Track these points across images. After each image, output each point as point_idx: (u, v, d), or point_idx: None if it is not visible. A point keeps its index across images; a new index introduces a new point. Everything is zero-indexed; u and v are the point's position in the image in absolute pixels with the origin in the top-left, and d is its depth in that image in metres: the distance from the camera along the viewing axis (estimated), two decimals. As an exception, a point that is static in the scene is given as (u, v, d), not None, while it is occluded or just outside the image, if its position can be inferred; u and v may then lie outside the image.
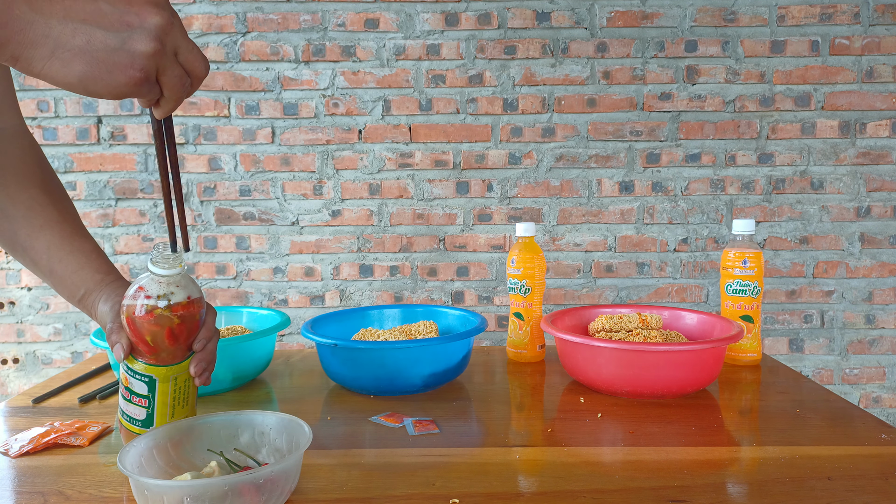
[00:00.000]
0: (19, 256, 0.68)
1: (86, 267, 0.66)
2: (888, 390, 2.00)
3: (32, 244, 0.67)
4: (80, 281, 0.66)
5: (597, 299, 2.01)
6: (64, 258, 0.66)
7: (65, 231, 0.68)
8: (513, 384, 0.91)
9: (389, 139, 1.97)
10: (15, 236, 0.67)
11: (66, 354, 2.02)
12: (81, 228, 0.70)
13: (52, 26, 0.41)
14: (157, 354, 0.59)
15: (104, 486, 0.59)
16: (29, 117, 1.93)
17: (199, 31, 1.93)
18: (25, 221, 0.67)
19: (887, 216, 1.96)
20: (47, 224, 0.67)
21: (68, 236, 0.67)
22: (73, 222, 0.70)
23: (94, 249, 0.68)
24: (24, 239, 0.67)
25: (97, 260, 0.68)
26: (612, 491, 0.56)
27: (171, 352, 0.60)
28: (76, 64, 0.41)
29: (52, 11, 0.40)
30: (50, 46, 0.41)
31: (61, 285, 0.67)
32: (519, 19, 1.93)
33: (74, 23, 0.41)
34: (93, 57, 0.42)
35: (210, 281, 2.00)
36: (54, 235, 0.67)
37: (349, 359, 0.83)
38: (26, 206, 0.67)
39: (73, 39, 0.41)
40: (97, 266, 0.67)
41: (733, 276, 0.95)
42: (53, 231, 0.67)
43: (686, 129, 1.95)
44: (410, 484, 0.58)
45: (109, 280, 0.66)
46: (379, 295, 2.01)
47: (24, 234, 0.67)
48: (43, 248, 0.67)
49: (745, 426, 0.73)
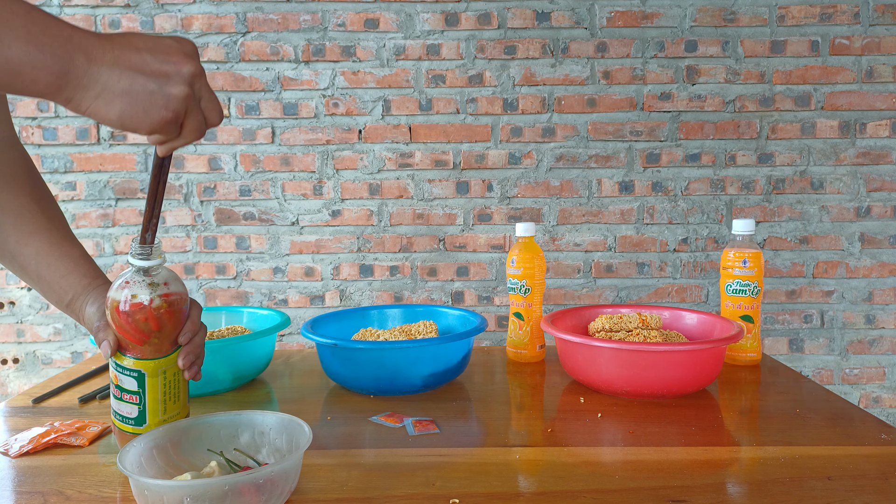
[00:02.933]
0: (8, 263, 0.69)
1: (73, 272, 0.67)
2: (888, 390, 2.00)
3: (21, 250, 0.68)
4: (67, 286, 0.67)
5: (597, 299, 2.01)
6: (52, 264, 0.67)
7: (53, 238, 0.69)
8: (513, 384, 0.91)
9: (389, 139, 1.97)
10: (4, 243, 0.68)
11: (66, 354, 2.02)
12: (70, 235, 0.71)
13: (101, 73, 0.47)
14: (144, 347, 0.60)
15: (104, 486, 0.59)
16: (29, 117, 1.93)
17: (199, 31, 1.93)
18: (15, 229, 0.68)
19: (887, 216, 1.96)
20: (36, 231, 0.68)
21: (57, 243, 0.68)
22: (61, 229, 0.71)
23: (81, 255, 0.69)
24: (13, 245, 0.68)
25: (85, 265, 0.69)
26: (612, 491, 0.56)
27: (157, 343, 0.60)
28: (117, 103, 0.48)
29: (103, 60, 0.47)
30: (98, 89, 0.47)
31: (49, 290, 0.68)
32: (519, 19, 1.93)
33: (121, 69, 0.47)
34: (133, 98, 0.48)
35: (210, 281, 2.00)
36: (43, 242, 0.68)
37: (349, 359, 0.83)
38: (16, 214, 0.68)
39: (118, 83, 0.47)
40: (84, 271, 0.68)
41: (733, 276, 0.95)
42: (42, 238, 0.68)
43: (686, 129, 1.95)
44: (410, 484, 0.58)
45: (97, 284, 0.67)
46: (379, 295, 2.01)
47: (13, 240, 0.68)
48: (31, 255, 0.68)
49: (745, 426, 0.73)
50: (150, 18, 1.92)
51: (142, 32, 0.45)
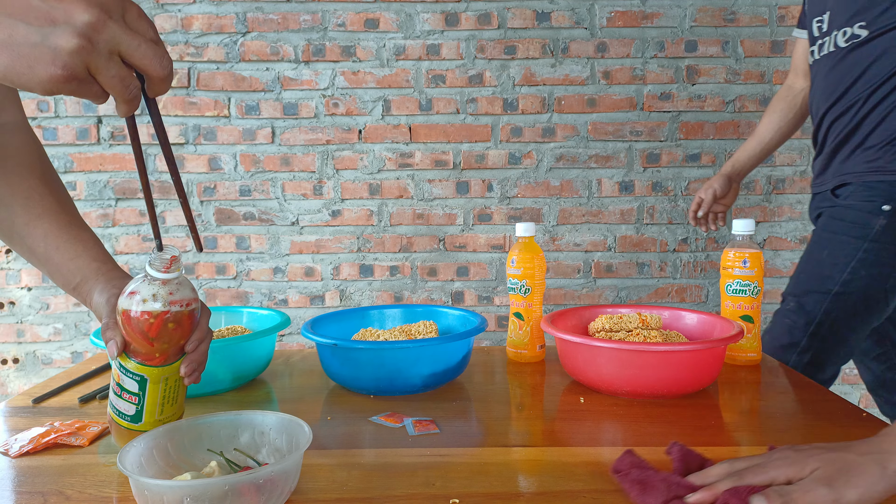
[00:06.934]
0: (17, 245, 0.68)
1: (82, 255, 0.67)
2: (888, 390, 2.00)
3: (30, 232, 0.67)
4: (75, 269, 0.66)
5: (597, 299, 2.01)
6: (61, 246, 0.67)
7: (62, 220, 0.68)
8: (513, 384, 0.91)
9: (389, 139, 1.97)
10: (13, 225, 0.67)
11: (66, 354, 2.02)
12: (79, 219, 0.70)
13: None
14: (150, 356, 0.59)
15: (104, 486, 0.59)
16: (29, 117, 1.93)
17: (199, 31, 1.93)
18: (24, 210, 0.67)
19: (887, 216, 1.95)
20: (45, 213, 0.67)
21: (65, 225, 0.68)
22: (70, 212, 0.70)
23: (90, 238, 0.69)
24: (22, 227, 0.67)
25: (94, 248, 0.68)
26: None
27: (165, 350, 0.60)
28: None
29: None
30: None
31: (57, 273, 0.67)
32: (519, 19, 1.93)
33: (1, 16, 0.41)
34: (14, 51, 0.41)
35: (210, 281, 2.00)
36: (52, 224, 0.67)
37: (349, 359, 0.83)
38: (25, 196, 0.67)
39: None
40: (94, 255, 0.67)
41: (733, 276, 0.95)
42: (51, 220, 0.67)
43: (686, 129, 1.95)
44: (410, 484, 0.58)
45: (106, 269, 0.66)
46: (379, 295, 2.01)
47: (21, 222, 0.67)
48: (40, 236, 0.67)
49: (745, 426, 0.73)
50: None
51: None
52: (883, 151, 1.12)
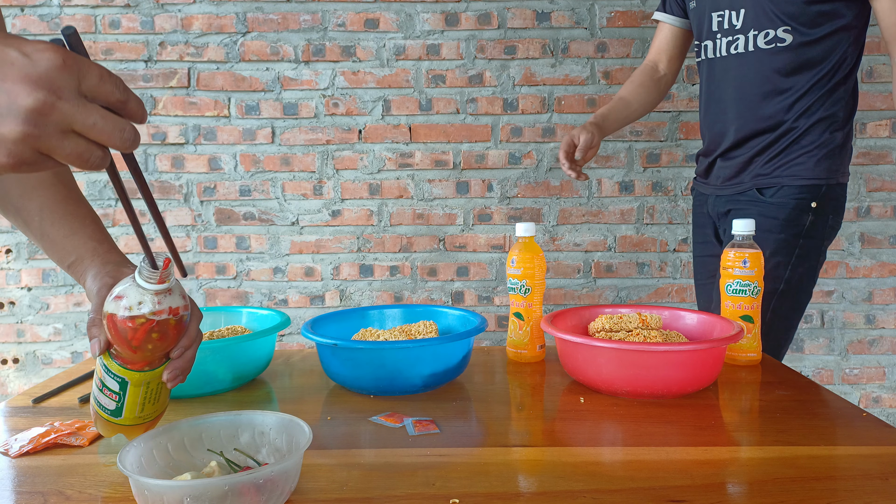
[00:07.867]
0: (11, 217, 0.66)
1: (79, 232, 0.64)
2: (888, 390, 2.00)
3: (25, 205, 0.65)
4: (71, 247, 0.64)
5: (597, 299, 2.01)
6: (56, 221, 0.64)
7: (59, 194, 0.65)
8: (513, 384, 0.91)
9: (389, 139, 1.97)
10: (7, 196, 0.65)
11: (65, 354, 2.02)
12: (77, 192, 0.67)
13: None
14: (132, 361, 0.58)
15: (104, 486, 0.59)
16: (29, 117, 1.93)
17: (199, 31, 1.93)
18: (18, 181, 0.64)
19: (887, 216, 1.96)
20: (41, 185, 0.65)
21: (62, 199, 0.65)
22: (67, 185, 0.67)
23: (88, 214, 0.66)
24: (17, 199, 0.65)
25: (91, 226, 0.65)
26: (612, 491, 0.56)
27: (149, 356, 0.58)
28: None
29: None
30: None
31: (52, 249, 0.65)
32: (519, 19, 1.93)
33: None
34: None
35: (210, 281, 2.00)
36: (48, 198, 0.65)
37: (349, 359, 0.83)
38: None
39: None
40: (90, 233, 0.65)
41: (733, 276, 0.95)
42: (47, 192, 0.65)
43: (686, 129, 1.95)
44: (410, 484, 0.58)
45: (102, 250, 0.64)
46: (379, 295, 2.01)
47: (16, 193, 0.64)
48: (35, 210, 0.64)
49: (745, 426, 0.73)
50: (150, 18, 1.92)
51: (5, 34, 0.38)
52: (808, 157, 1.15)
